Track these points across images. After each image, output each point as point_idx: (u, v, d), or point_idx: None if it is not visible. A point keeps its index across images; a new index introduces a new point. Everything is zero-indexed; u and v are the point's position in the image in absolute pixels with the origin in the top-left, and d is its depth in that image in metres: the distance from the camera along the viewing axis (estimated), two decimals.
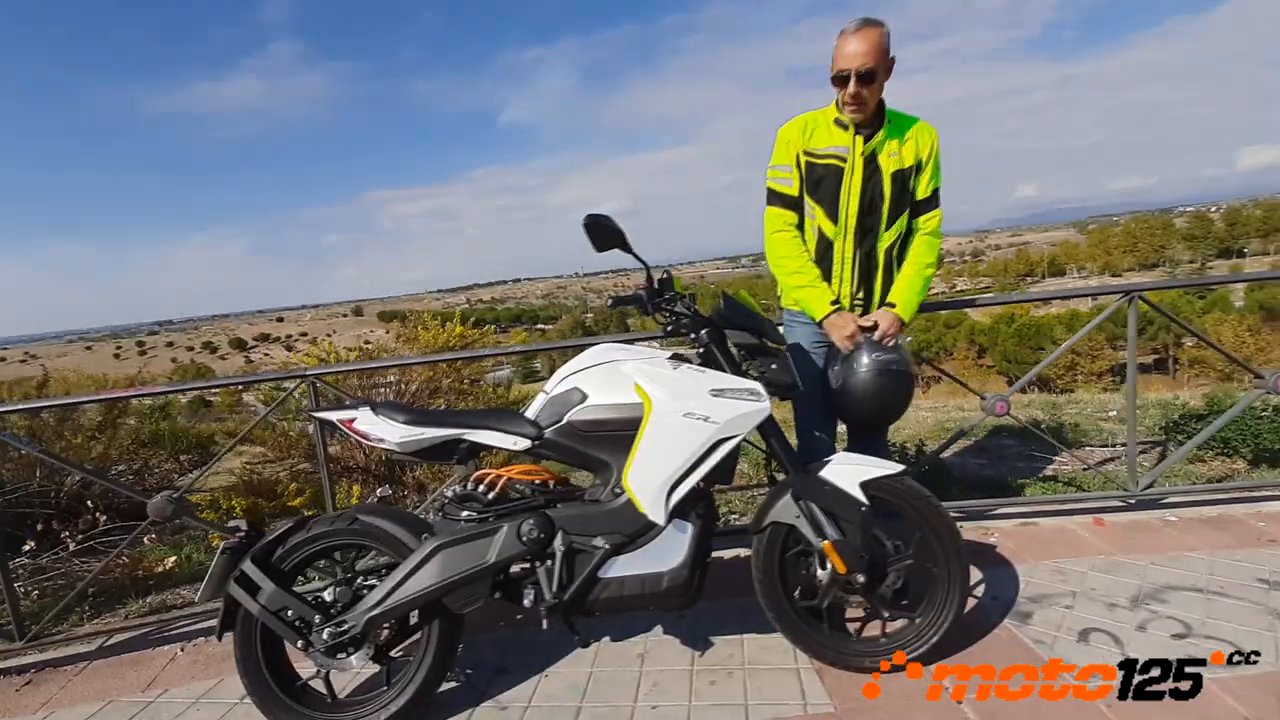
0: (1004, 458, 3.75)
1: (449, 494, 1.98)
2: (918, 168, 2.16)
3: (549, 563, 1.89)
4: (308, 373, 2.61)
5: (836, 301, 2.20)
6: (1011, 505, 2.89)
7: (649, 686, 2.01)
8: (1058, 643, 2.03)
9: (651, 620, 2.34)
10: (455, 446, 1.94)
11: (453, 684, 2.07)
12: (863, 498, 1.90)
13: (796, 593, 2.01)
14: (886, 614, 2.01)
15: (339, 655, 1.86)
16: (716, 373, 1.92)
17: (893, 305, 2.16)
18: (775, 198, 2.27)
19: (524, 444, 1.93)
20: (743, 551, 2.70)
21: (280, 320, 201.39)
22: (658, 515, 1.83)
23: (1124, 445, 3.67)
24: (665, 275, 2.03)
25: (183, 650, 2.48)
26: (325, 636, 1.83)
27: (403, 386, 4.61)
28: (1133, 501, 2.84)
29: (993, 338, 39.54)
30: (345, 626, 1.83)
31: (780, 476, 2.12)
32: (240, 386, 4.55)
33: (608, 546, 1.86)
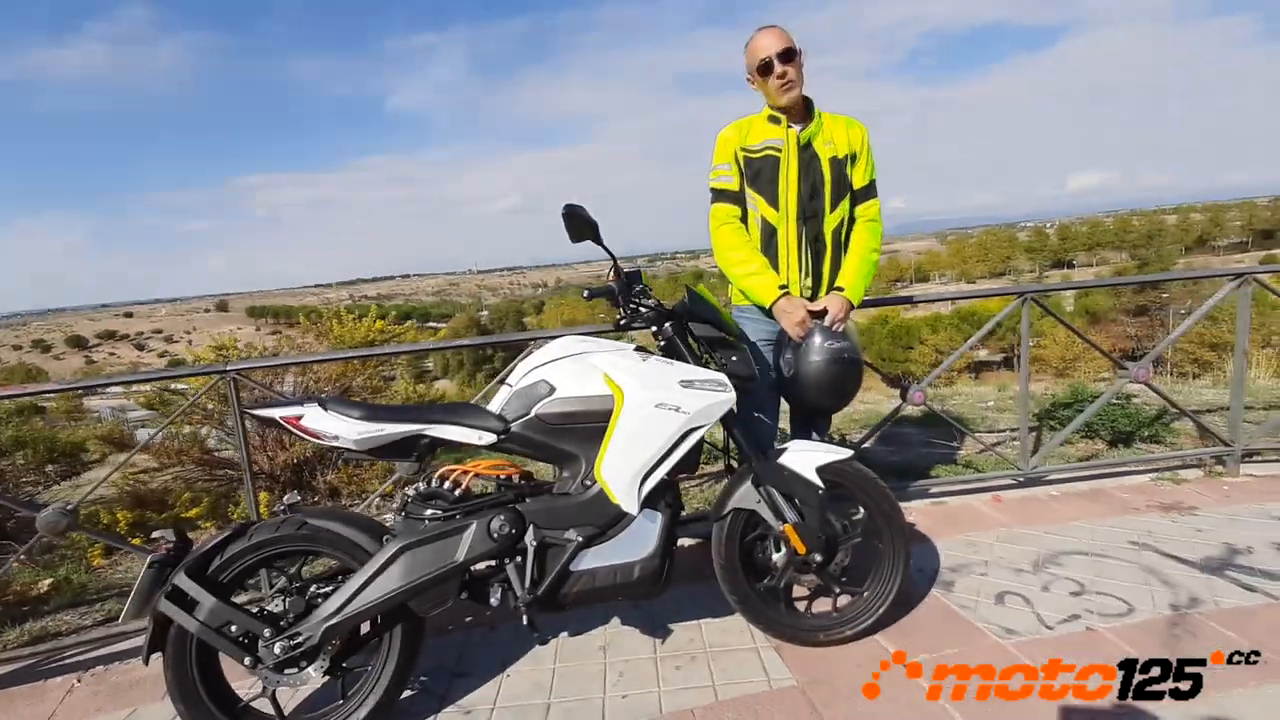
0: (909, 444, 4.09)
1: (410, 493, 1.89)
2: (852, 158, 2.28)
3: (518, 559, 1.85)
4: (228, 368, 2.38)
5: (785, 286, 2.25)
6: (934, 485, 3.16)
7: (615, 677, 2.03)
8: (979, 606, 2.26)
9: (608, 612, 2.36)
10: (416, 443, 1.86)
11: (410, 691, 1.98)
12: (819, 481, 2.02)
13: (752, 576, 2.11)
14: (837, 590, 2.14)
15: (290, 670, 1.73)
16: (684, 364, 1.97)
17: (841, 289, 2.24)
18: (718, 195, 2.34)
19: (489, 438, 1.88)
20: (685, 540, 2.77)
21: (129, 316, 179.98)
22: (630, 505, 1.85)
23: (1004, 431, 4.12)
24: (634, 269, 2.05)
25: (80, 681, 2.19)
26: (277, 651, 1.69)
27: (309, 384, 4.30)
28: (1022, 479, 3.21)
29: (870, 338, 42.63)
30: (300, 639, 1.70)
31: (735, 465, 2.19)
32: (142, 384, 4.02)
33: (580, 539, 1.86)
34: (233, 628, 1.70)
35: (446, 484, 1.87)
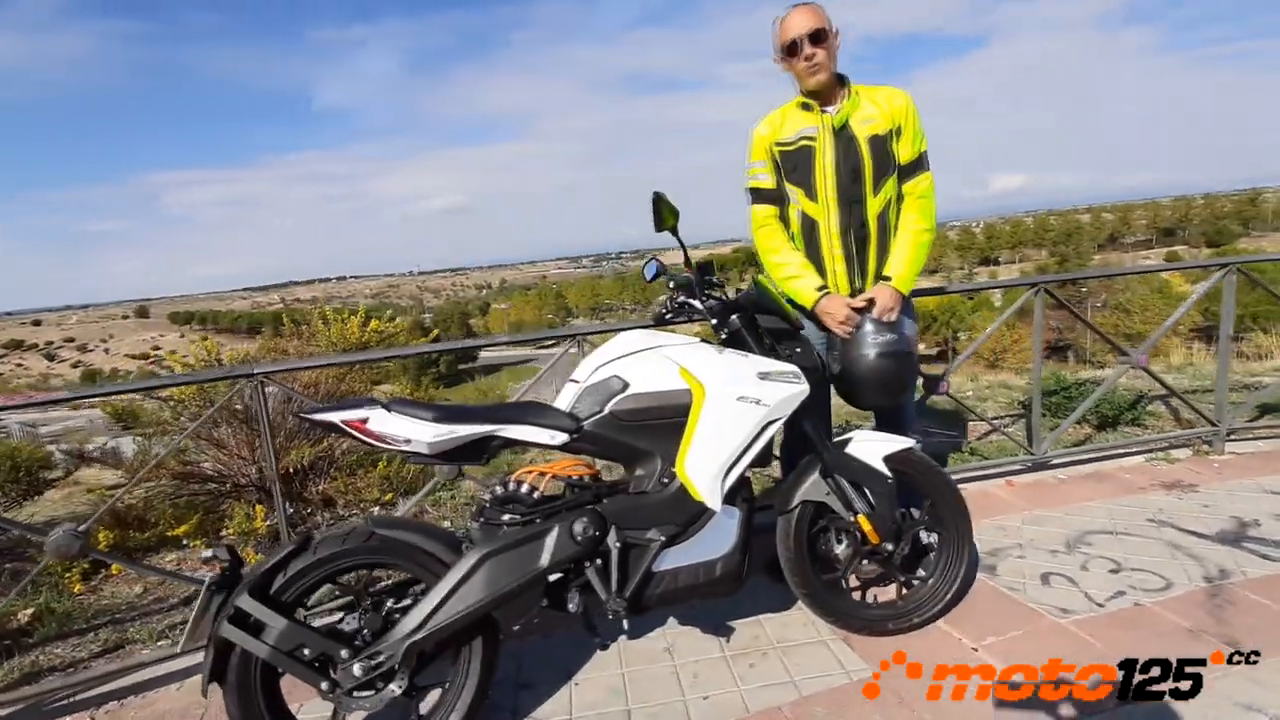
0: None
1: (486, 498, 1.79)
2: (896, 132, 2.15)
3: (598, 562, 1.78)
4: (255, 371, 2.20)
5: (824, 287, 2.21)
6: (950, 472, 3.22)
7: (690, 678, 1.98)
8: (1027, 587, 2.31)
9: (665, 614, 2.30)
10: (488, 444, 1.76)
11: None
12: (887, 471, 2.02)
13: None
14: (903, 579, 2.15)
15: (367, 692, 1.61)
16: (758, 357, 1.94)
17: (888, 278, 2.15)
18: (756, 194, 2.30)
19: (561, 438, 1.80)
20: None
21: (37, 324, 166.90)
22: (714, 501, 1.81)
23: (994, 419, 4.25)
24: (706, 260, 2.01)
25: (94, 719, 1.99)
26: (357, 672, 1.57)
27: (293, 389, 4.05)
28: (1031, 464, 3.32)
29: None
30: (381, 658, 1.58)
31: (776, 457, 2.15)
32: (158, 389, 3.63)
33: (662, 538, 1.80)
34: (305, 650, 1.56)
35: (524, 487, 1.78)
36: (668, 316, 2.21)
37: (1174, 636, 1.99)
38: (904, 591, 2.17)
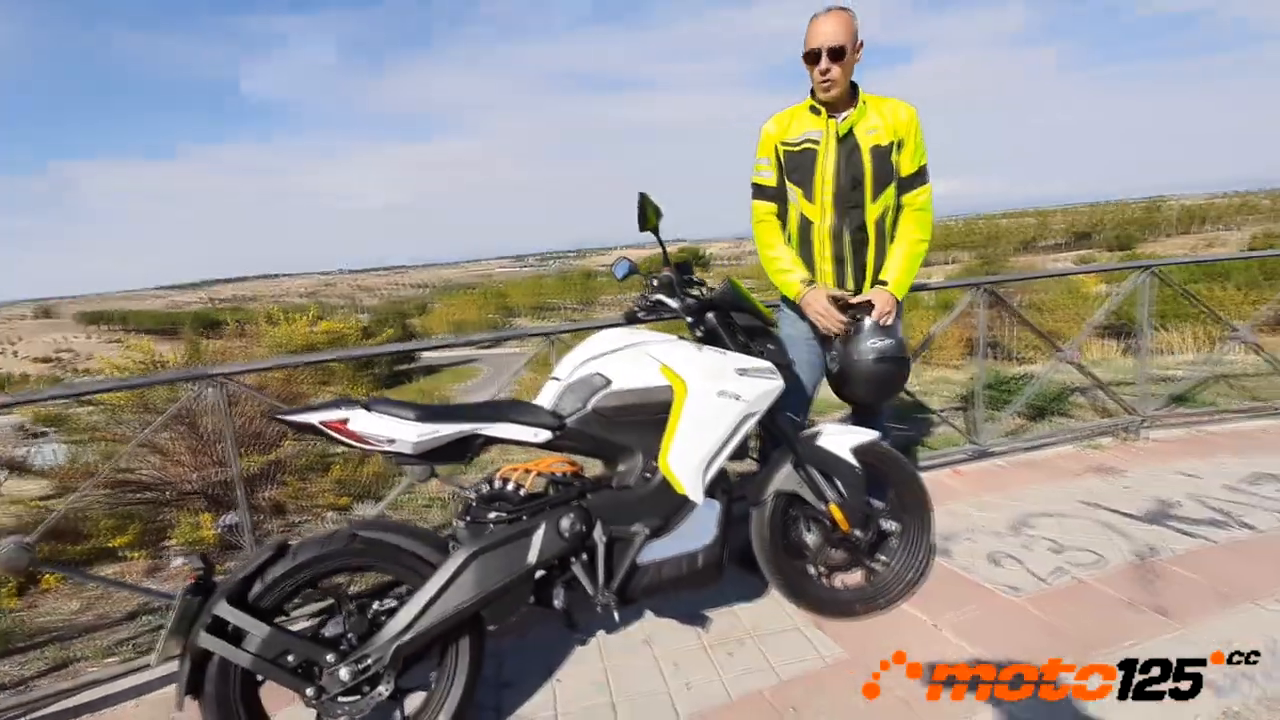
0: None
1: (472, 496, 1.78)
2: (899, 144, 2.22)
3: (584, 557, 1.80)
4: (214, 372, 2.10)
5: (810, 281, 2.29)
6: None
7: (671, 668, 2.02)
8: (979, 567, 2.46)
9: (640, 608, 2.33)
10: (471, 443, 1.76)
11: None
12: (856, 462, 2.12)
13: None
14: (869, 564, 2.25)
15: (352, 698, 1.58)
16: (735, 354, 2.00)
17: (884, 283, 2.23)
18: (757, 191, 2.39)
19: (545, 435, 1.81)
20: None
21: None
22: (696, 494, 1.86)
23: (940, 411, 4.47)
24: (684, 260, 2.05)
25: None
26: (344, 676, 1.54)
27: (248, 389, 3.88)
28: (974, 454, 3.52)
29: None
30: (368, 661, 1.56)
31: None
32: (112, 392, 3.36)
33: (646, 532, 1.84)
34: (289, 657, 1.52)
35: (509, 485, 1.78)
36: (640, 314, 2.24)
37: (1110, 608, 2.17)
38: (870, 576, 2.27)
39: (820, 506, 2.11)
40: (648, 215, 1.93)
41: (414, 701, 1.73)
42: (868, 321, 2.19)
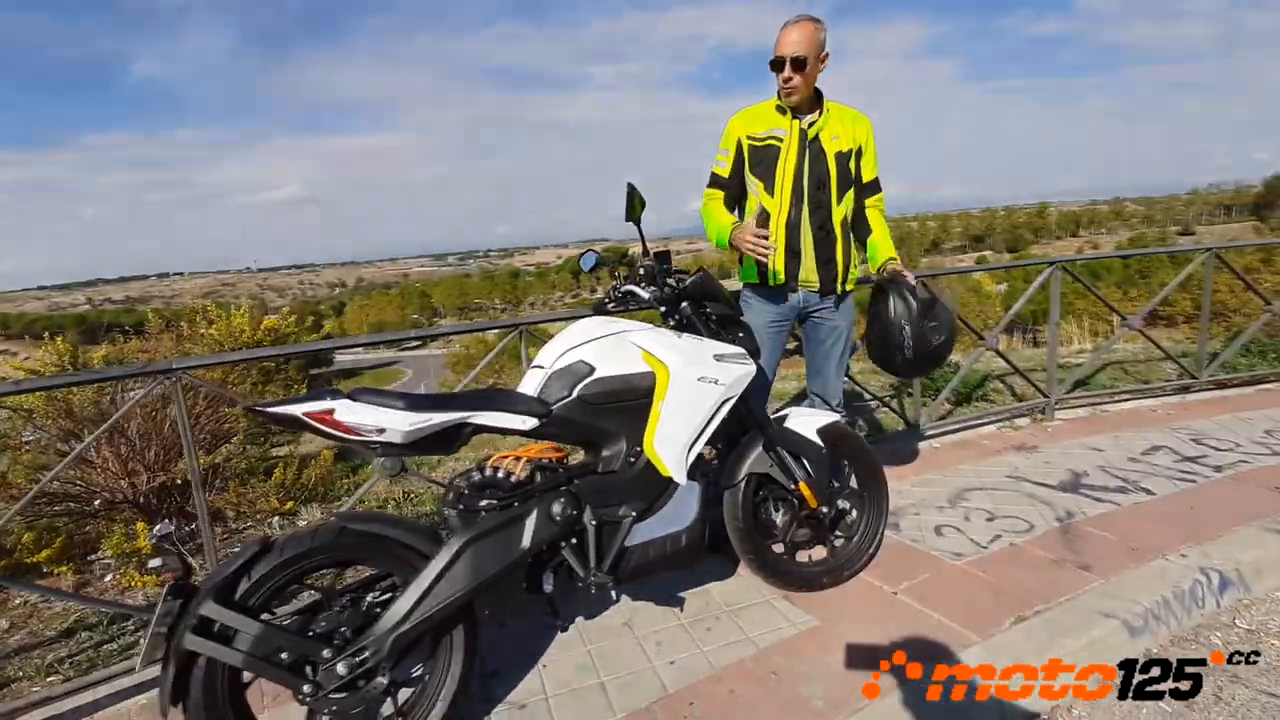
0: None
1: (463, 484, 1.78)
2: (858, 152, 2.41)
3: (573, 541, 1.84)
4: (174, 366, 1.98)
5: (737, 224, 2.37)
6: None
7: (654, 647, 2.09)
8: (926, 538, 2.67)
9: (617, 593, 2.38)
10: (459, 432, 1.75)
11: None
12: (821, 442, 2.26)
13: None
14: (832, 540, 2.39)
15: (346, 694, 1.55)
16: (711, 340, 2.08)
17: (894, 258, 2.48)
18: (712, 179, 2.50)
19: (532, 423, 1.83)
20: None
21: None
22: (680, 475, 1.93)
23: (875, 398, 4.76)
24: (664, 250, 2.11)
25: None
26: (341, 671, 1.51)
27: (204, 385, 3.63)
28: (902, 432, 3.79)
29: None
30: (366, 654, 1.53)
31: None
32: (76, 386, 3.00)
33: (633, 514, 1.90)
34: (283, 654, 1.48)
35: (499, 473, 1.79)
36: (610, 305, 2.28)
37: (1042, 567, 2.40)
38: (832, 551, 2.41)
39: (790, 486, 2.23)
40: (634, 206, 1.99)
41: (406, 695, 1.71)
42: (943, 300, 2.39)
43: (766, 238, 2.24)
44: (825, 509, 2.27)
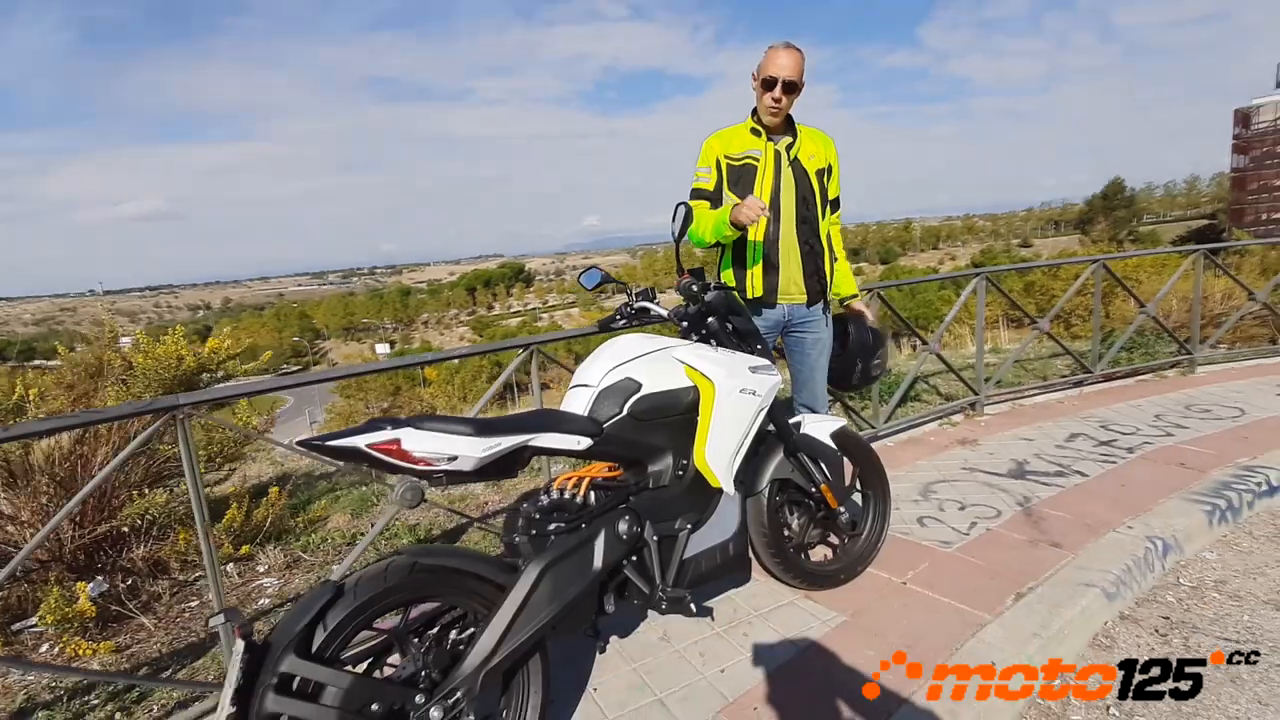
0: None
1: (532, 509, 1.72)
2: (829, 170, 2.60)
3: (633, 558, 1.84)
4: (181, 403, 1.77)
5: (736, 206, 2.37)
6: None
7: (698, 658, 2.11)
8: (914, 530, 2.87)
9: (639, 610, 2.37)
10: (520, 455, 1.71)
11: None
12: (835, 445, 2.39)
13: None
14: (844, 538, 2.53)
15: None
16: (742, 354, 2.15)
17: (855, 296, 2.78)
18: (695, 193, 2.57)
19: (586, 442, 1.81)
20: None
21: None
22: (729, 485, 1.98)
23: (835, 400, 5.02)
24: (698, 267, 2.16)
25: None
26: (435, 715, 1.42)
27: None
28: (868, 437, 4.05)
29: None
30: (458, 694, 1.45)
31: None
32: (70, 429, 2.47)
33: (689, 526, 1.92)
34: (375, 705, 1.37)
35: (566, 494, 1.76)
36: (620, 322, 2.30)
37: (1021, 548, 2.66)
38: (844, 547, 2.54)
39: (811, 489, 2.34)
40: (686, 224, 2.02)
41: None
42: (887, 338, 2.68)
43: (762, 206, 2.26)
44: (843, 509, 2.40)
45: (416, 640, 1.52)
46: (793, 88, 2.42)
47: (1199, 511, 2.86)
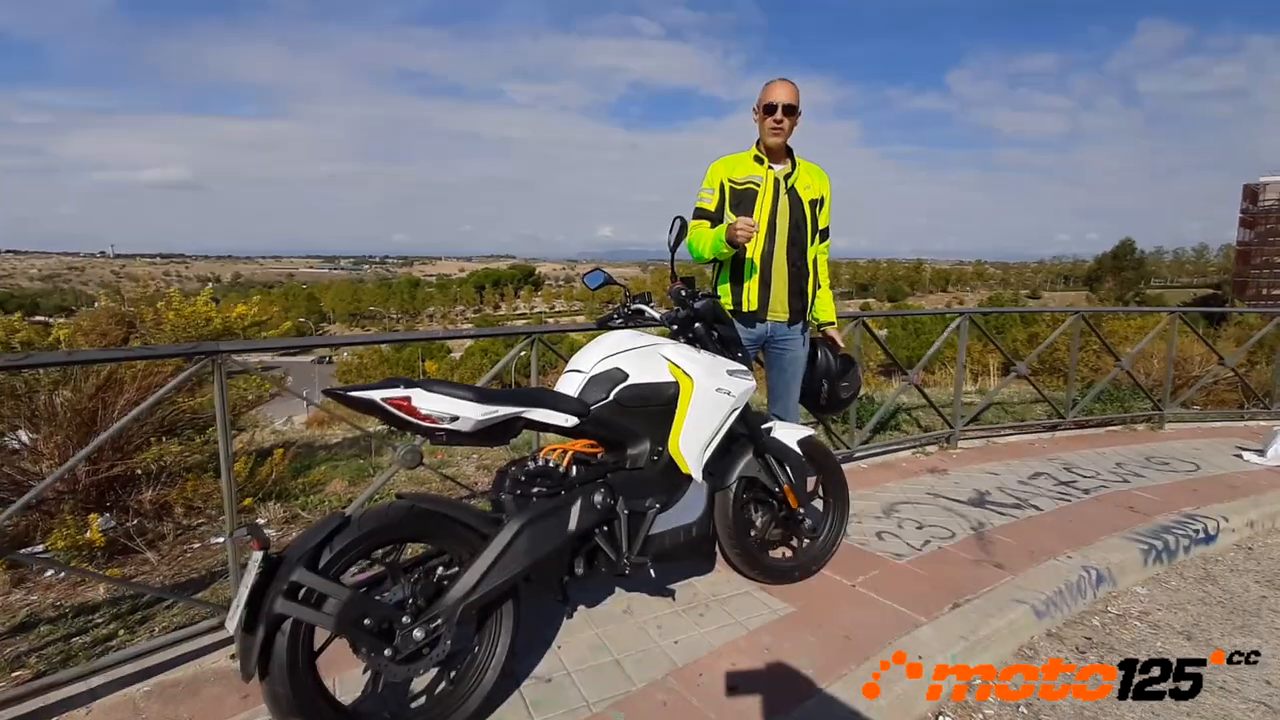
0: None
1: (519, 473, 1.94)
2: (821, 201, 2.83)
3: (605, 528, 2.05)
4: (220, 348, 2.00)
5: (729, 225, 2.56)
6: None
7: (656, 630, 2.32)
8: (870, 542, 3.08)
9: (610, 585, 2.59)
10: (514, 425, 1.94)
11: None
12: (800, 451, 2.60)
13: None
14: (803, 539, 2.74)
15: (415, 661, 1.67)
16: (722, 357, 2.38)
17: (832, 323, 2.99)
18: (698, 212, 2.81)
19: (573, 421, 2.04)
20: None
21: None
22: (697, 473, 2.20)
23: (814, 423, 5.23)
24: (689, 276, 2.40)
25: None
26: (418, 636, 1.63)
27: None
28: (843, 458, 4.26)
29: None
30: (439, 621, 1.67)
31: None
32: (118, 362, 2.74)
33: (657, 505, 2.14)
34: (367, 620, 1.59)
35: (550, 463, 1.98)
36: (616, 321, 2.53)
37: (966, 566, 2.87)
38: (802, 548, 2.75)
39: (774, 489, 2.56)
40: (681, 237, 2.26)
41: (456, 665, 1.83)
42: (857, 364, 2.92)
43: (753, 225, 2.51)
44: (802, 511, 2.61)
45: (406, 573, 1.73)
46: (791, 110, 2.68)
47: (1136, 549, 3.07)
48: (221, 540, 3.17)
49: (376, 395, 1.71)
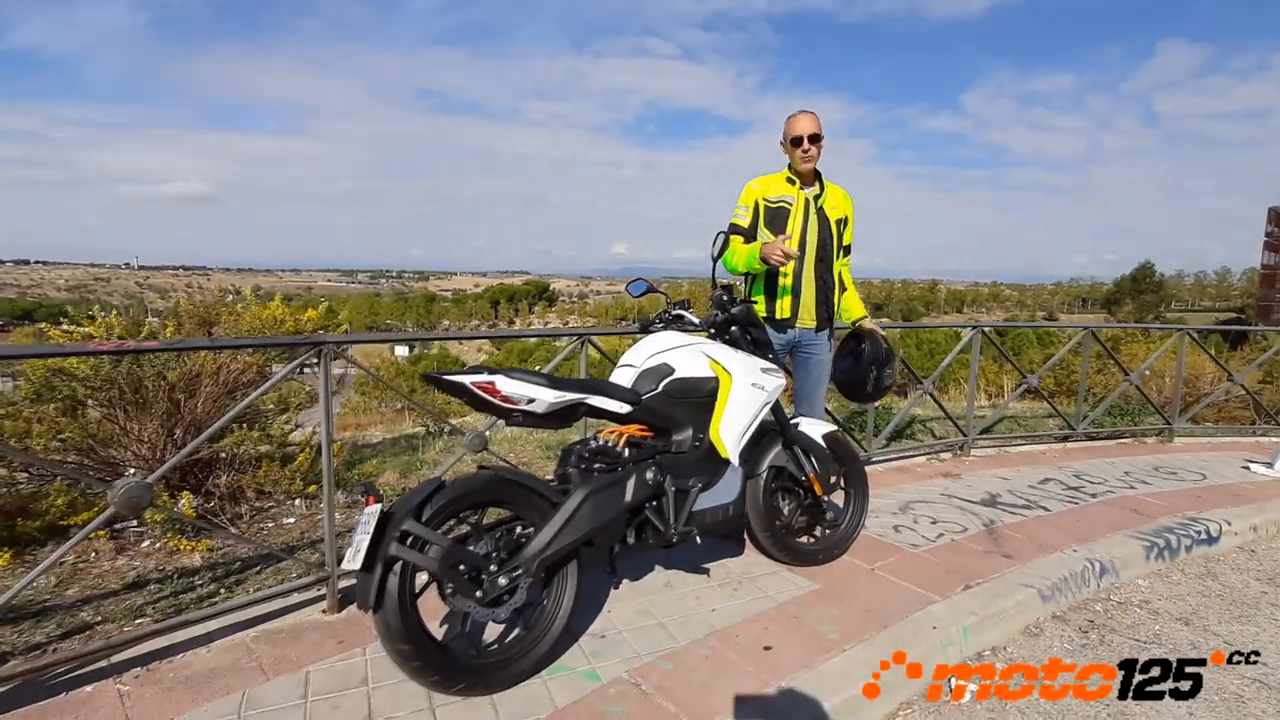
0: None
1: (584, 450, 2.23)
2: (846, 220, 3.15)
3: (653, 503, 2.33)
4: (328, 339, 2.31)
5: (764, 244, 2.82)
6: None
7: (695, 601, 2.58)
8: (888, 534, 3.32)
9: (650, 561, 2.85)
10: (577, 410, 2.22)
11: None
12: (825, 444, 2.87)
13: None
14: (825, 526, 2.99)
15: (498, 606, 1.95)
16: (756, 357, 2.66)
17: (865, 316, 3.25)
18: (732, 228, 3.09)
19: (627, 408, 2.33)
20: None
21: None
22: (734, 458, 2.47)
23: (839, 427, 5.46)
24: (728, 284, 2.69)
25: (124, 684, 1.94)
26: (501, 582, 1.91)
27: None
28: (864, 461, 4.49)
29: None
30: (519, 570, 1.95)
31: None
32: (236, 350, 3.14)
33: (699, 485, 2.41)
34: (462, 566, 1.87)
35: (609, 443, 2.27)
36: (657, 325, 2.82)
37: (976, 556, 3.10)
38: (825, 533, 3.00)
39: (801, 478, 2.82)
40: (723, 249, 2.56)
41: (529, 614, 2.11)
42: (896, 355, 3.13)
43: (788, 252, 2.76)
44: (826, 499, 2.87)
45: (489, 531, 2.02)
46: (816, 139, 2.98)
47: (1139, 546, 3.28)
48: (292, 521, 3.48)
49: (466, 379, 2.01)
